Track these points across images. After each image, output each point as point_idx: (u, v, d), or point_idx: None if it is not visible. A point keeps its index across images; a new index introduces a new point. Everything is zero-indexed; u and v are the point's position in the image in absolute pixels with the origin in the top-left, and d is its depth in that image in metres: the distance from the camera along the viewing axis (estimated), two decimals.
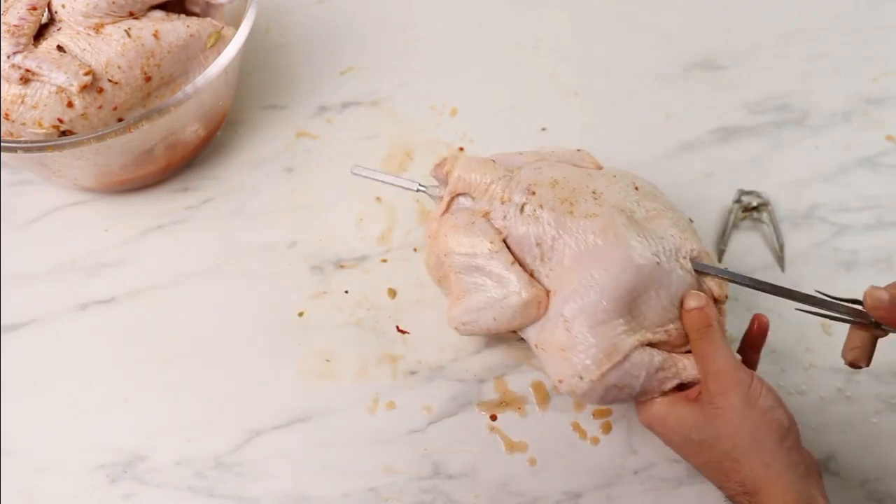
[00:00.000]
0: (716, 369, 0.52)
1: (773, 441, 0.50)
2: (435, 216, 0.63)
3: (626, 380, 0.55)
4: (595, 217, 0.57)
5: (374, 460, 0.62)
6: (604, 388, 0.55)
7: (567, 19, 0.87)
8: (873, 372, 0.65)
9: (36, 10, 0.64)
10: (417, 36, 0.85)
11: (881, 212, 0.73)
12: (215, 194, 0.75)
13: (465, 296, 0.59)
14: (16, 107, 0.64)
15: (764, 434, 0.50)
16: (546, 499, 0.61)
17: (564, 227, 0.58)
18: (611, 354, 0.54)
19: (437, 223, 0.62)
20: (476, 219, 0.60)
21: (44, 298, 0.69)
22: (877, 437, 0.63)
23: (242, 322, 0.68)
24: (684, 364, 0.56)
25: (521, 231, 0.58)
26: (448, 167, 0.62)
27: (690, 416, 0.53)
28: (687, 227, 0.59)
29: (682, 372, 0.56)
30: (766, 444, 0.49)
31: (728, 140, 0.78)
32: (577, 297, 0.55)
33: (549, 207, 0.58)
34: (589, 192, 0.59)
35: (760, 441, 0.50)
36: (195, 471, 0.62)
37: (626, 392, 0.55)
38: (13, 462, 0.62)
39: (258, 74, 0.82)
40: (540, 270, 0.58)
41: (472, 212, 0.61)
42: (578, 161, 0.65)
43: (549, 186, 0.60)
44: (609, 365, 0.54)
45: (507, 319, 0.58)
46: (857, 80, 0.81)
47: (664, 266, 0.56)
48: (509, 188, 0.60)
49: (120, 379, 0.65)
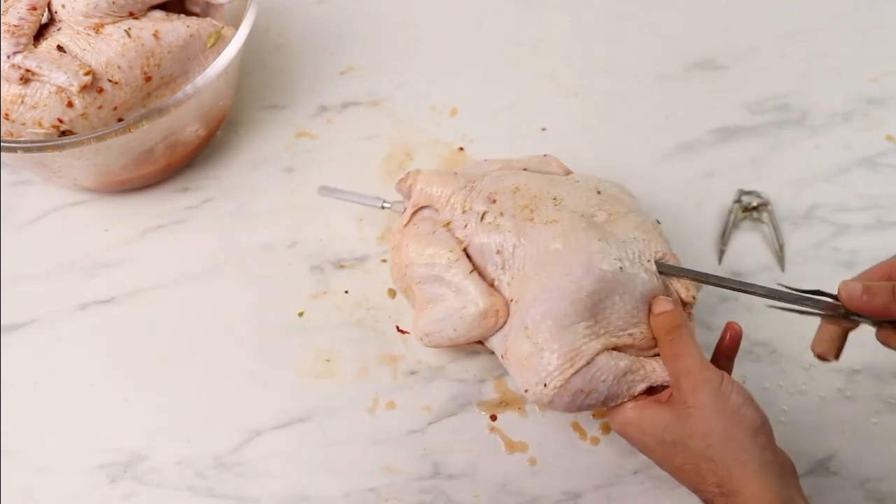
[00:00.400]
0: (686, 368, 0.52)
1: (746, 437, 0.50)
2: (398, 228, 0.63)
3: (592, 384, 0.54)
4: (555, 223, 0.57)
5: (374, 460, 0.62)
6: (570, 395, 0.54)
7: (567, 19, 0.87)
8: (873, 372, 0.65)
9: (36, 10, 0.64)
10: (417, 36, 0.85)
11: (881, 212, 0.73)
12: (215, 194, 0.75)
13: (428, 306, 0.60)
14: (16, 107, 0.64)
15: (737, 430, 0.50)
16: (546, 499, 0.61)
17: (525, 234, 0.58)
18: (574, 360, 0.54)
19: (399, 234, 0.62)
20: (437, 229, 0.60)
21: (44, 298, 0.69)
22: (877, 437, 0.63)
23: (242, 322, 0.68)
24: (653, 367, 0.56)
25: (481, 240, 0.59)
26: (411, 181, 0.63)
27: (663, 418, 0.52)
28: (652, 229, 0.59)
29: (650, 375, 0.55)
30: (739, 441, 0.49)
31: (728, 140, 0.78)
32: (538, 304, 0.55)
33: (509, 215, 0.59)
34: (550, 199, 0.59)
35: (734, 437, 0.50)
36: (195, 471, 0.62)
37: (593, 397, 0.54)
38: (13, 462, 0.62)
39: (258, 74, 0.82)
40: (501, 279, 0.58)
41: (434, 222, 0.61)
42: (545, 167, 0.65)
43: (510, 194, 0.60)
44: (573, 370, 0.54)
45: (465, 330, 0.58)
46: (857, 80, 0.81)
47: (627, 270, 0.55)
48: (470, 198, 0.61)
49: (120, 379, 0.65)
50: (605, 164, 0.76)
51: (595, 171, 0.69)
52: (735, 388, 0.52)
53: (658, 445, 0.53)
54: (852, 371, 0.65)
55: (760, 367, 0.65)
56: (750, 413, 0.51)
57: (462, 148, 0.77)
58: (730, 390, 0.51)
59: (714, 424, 0.50)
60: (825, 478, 0.61)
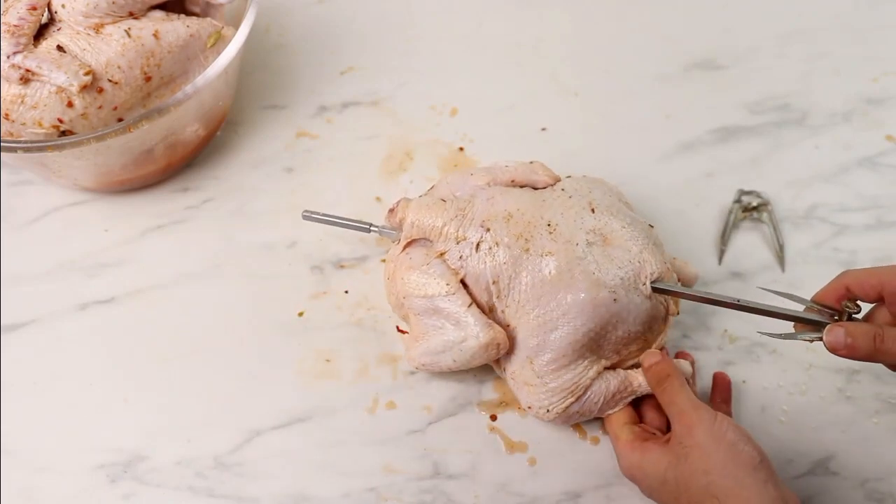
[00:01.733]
0: (678, 411, 0.55)
1: (746, 474, 0.50)
2: (391, 257, 0.63)
3: (587, 406, 0.59)
4: (550, 256, 0.58)
5: (374, 460, 0.62)
6: (567, 416, 0.60)
7: (567, 19, 0.87)
8: (873, 372, 0.65)
9: (36, 10, 0.64)
10: (417, 36, 0.85)
11: (881, 212, 0.73)
12: (215, 194, 0.75)
13: (424, 337, 0.61)
14: (16, 107, 0.64)
15: (734, 467, 0.51)
16: (546, 499, 0.61)
17: (521, 265, 0.59)
18: (574, 391, 0.59)
19: (393, 264, 0.63)
20: (431, 260, 0.60)
21: (44, 298, 0.69)
22: (877, 437, 0.63)
23: (242, 322, 0.68)
24: (639, 382, 0.60)
25: (477, 269, 0.59)
26: (401, 214, 0.63)
27: (664, 458, 0.54)
28: (645, 246, 0.60)
29: (637, 389, 0.60)
30: (739, 478, 0.50)
31: (728, 140, 0.78)
32: (539, 341, 0.58)
33: (504, 245, 0.59)
34: (544, 225, 0.60)
35: (733, 474, 0.50)
36: (195, 471, 0.62)
37: (587, 414, 0.60)
38: (13, 462, 0.62)
39: (258, 74, 0.82)
40: (497, 306, 0.60)
41: (427, 252, 0.61)
42: (532, 174, 0.65)
43: (504, 221, 0.60)
44: (573, 399, 0.59)
45: (465, 361, 0.60)
46: (857, 80, 0.81)
47: (621, 300, 0.57)
48: (463, 226, 0.61)
49: (120, 379, 0.65)
50: (605, 164, 0.76)
51: (595, 171, 0.69)
52: (730, 425, 0.53)
53: (662, 486, 0.54)
54: (852, 371, 0.65)
55: (760, 367, 0.66)
56: (747, 449, 0.52)
57: (462, 148, 0.77)
58: (724, 428, 0.52)
59: (712, 461, 0.51)
60: (825, 478, 0.61)
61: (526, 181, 0.65)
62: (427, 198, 0.63)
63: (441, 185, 0.66)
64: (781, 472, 0.61)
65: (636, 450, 0.56)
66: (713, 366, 0.65)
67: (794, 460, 0.62)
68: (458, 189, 0.65)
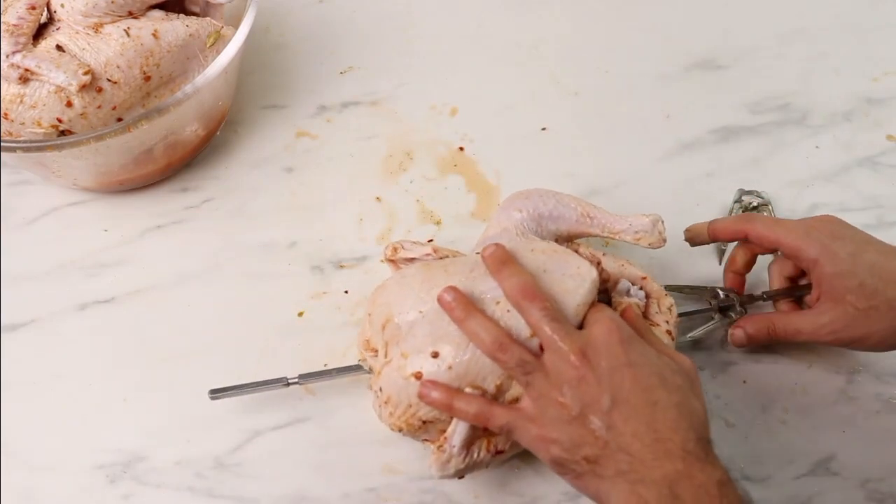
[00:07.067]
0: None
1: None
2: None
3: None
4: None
5: (374, 460, 0.62)
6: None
7: (567, 19, 0.87)
8: (873, 372, 0.65)
9: (35, 9, 0.64)
10: (417, 36, 0.85)
11: (881, 212, 0.73)
12: (215, 194, 0.74)
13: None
14: (15, 106, 0.64)
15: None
16: (546, 499, 0.61)
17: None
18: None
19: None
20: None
21: (44, 298, 0.69)
22: (877, 437, 0.63)
23: (242, 322, 0.67)
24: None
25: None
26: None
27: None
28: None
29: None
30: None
31: (728, 140, 0.78)
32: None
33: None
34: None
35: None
36: (195, 471, 0.62)
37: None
38: (13, 462, 0.62)
39: (258, 74, 0.82)
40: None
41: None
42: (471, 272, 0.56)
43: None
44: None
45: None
46: (857, 80, 0.81)
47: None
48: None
49: (120, 379, 0.65)
50: (606, 163, 0.76)
51: (595, 170, 0.69)
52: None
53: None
54: (853, 371, 0.65)
55: (761, 367, 0.65)
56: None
57: (462, 148, 0.77)
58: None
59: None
60: (825, 478, 0.61)
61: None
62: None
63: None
64: (782, 472, 0.61)
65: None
66: (713, 366, 0.65)
67: (794, 460, 0.62)
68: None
